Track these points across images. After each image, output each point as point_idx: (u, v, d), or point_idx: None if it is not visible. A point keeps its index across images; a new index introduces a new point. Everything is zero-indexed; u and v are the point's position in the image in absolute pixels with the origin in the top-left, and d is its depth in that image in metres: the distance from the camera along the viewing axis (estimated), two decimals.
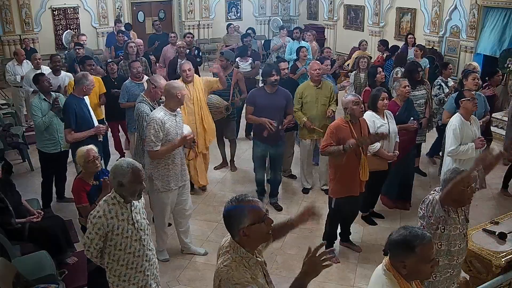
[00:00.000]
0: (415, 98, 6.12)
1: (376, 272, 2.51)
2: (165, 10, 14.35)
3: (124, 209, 3.10)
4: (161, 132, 4.28)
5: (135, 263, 3.16)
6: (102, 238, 3.06)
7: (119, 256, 3.11)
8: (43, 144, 5.63)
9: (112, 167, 3.13)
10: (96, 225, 3.02)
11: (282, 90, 5.64)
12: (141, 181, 3.10)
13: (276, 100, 5.53)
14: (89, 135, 5.15)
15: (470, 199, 3.23)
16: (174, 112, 4.44)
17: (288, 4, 15.95)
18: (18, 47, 10.44)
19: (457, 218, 3.25)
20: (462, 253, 3.35)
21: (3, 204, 4.26)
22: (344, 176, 4.57)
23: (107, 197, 3.12)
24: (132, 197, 3.10)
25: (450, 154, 4.79)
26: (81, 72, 5.63)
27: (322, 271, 2.39)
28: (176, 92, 4.37)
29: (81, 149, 4.12)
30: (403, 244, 2.35)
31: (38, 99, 5.57)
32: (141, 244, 3.17)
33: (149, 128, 4.30)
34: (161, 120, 4.28)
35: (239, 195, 2.39)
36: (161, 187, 4.49)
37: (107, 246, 3.09)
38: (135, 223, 3.13)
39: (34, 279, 3.83)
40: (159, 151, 4.34)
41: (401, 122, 5.38)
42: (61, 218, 4.78)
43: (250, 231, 2.28)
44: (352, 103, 4.49)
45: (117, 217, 3.06)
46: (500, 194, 6.26)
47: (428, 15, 10.84)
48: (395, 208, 5.81)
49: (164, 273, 4.61)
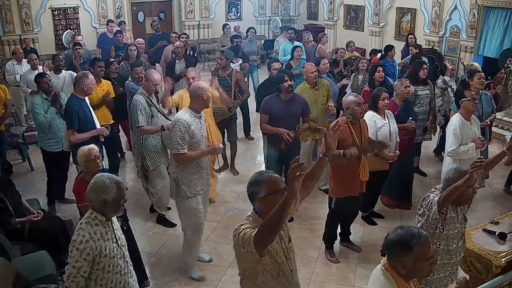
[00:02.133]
0: (419, 98, 6.13)
1: (375, 272, 2.51)
2: (165, 10, 14.36)
3: (108, 228, 2.93)
4: (187, 135, 4.13)
5: (122, 282, 3.00)
6: (89, 264, 2.82)
7: (108, 279, 2.92)
8: (46, 143, 5.62)
9: (90, 184, 2.91)
10: (85, 250, 2.78)
11: (297, 97, 5.38)
12: (124, 194, 2.94)
13: (292, 108, 5.24)
14: (91, 136, 5.15)
15: (470, 199, 3.24)
16: (199, 114, 4.29)
17: (288, 4, 15.95)
18: (18, 47, 10.43)
19: (456, 217, 3.27)
20: (460, 251, 3.39)
21: (3, 204, 4.26)
22: (344, 176, 4.56)
23: (87, 218, 2.89)
24: (115, 213, 2.95)
25: (451, 154, 4.79)
26: (81, 72, 5.62)
27: (322, 271, 2.39)
28: (202, 93, 4.22)
29: (82, 148, 4.12)
30: (401, 244, 2.35)
31: (40, 98, 5.58)
32: (125, 261, 3.04)
33: (175, 130, 4.14)
34: (187, 122, 4.12)
35: (260, 171, 2.71)
36: (188, 192, 4.31)
37: (94, 271, 2.87)
38: (117, 241, 2.98)
39: (34, 279, 3.82)
40: (187, 155, 4.17)
41: (400, 122, 5.38)
42: (60, 219, 4.79)
43: (265, 201, 2.54)
44: (354, 104, 4.47)
45: (103, 238, 2.87)
46: (500, 194, 6.26)
47: (428, 15, 10.84)
48: (397, 207, 5.81)
49: (164, 273, 4.62)
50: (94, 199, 2.87)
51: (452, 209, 3.26)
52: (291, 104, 5.24)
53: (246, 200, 2.67)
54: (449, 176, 3.23)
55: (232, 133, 6.66)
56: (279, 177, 2.63)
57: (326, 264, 4.80)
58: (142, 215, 5.73)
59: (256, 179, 2.61)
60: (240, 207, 5.73)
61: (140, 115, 5.06)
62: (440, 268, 3.33)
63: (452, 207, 3.25)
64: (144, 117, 5.07)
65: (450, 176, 3.22)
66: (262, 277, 2.61)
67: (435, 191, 3.34)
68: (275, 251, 2.58)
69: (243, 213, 2.70)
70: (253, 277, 2.63)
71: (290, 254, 2.71)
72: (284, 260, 2.64)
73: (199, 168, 4.33)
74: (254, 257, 2.48)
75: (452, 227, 3.25)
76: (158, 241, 5.20)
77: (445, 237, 3.25)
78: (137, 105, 5.09)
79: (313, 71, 5.81)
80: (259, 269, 2.58)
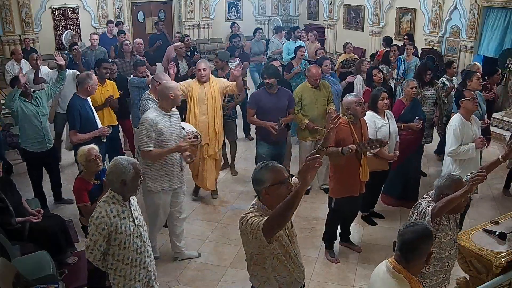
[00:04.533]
0: (424, 98, 6.17)
1: (382, 276, 2.51)
2: (165, 10, 14.36)
3: (125, 207, 3.12)
4: (153, 133, 4.28)
5: (139, 259, 3.18)
6: (105, 239, 3.04)
7: (124, 255, 3.11)
8: (28, 143, 5.43)
9: (110, 167, 3.10)
10: (100, 225, 3.00)
11: (283, 90, 5.64)
12: (140, 175, 3.16)
13: (278, 101, 5.53)
14: (93, 136, 5.14)
15: (463, 208, 3.21)
16: (168, 113, 4.42)
17: (288, 4, 15.95)
18: (17, 47, 10.43)
19: (448, 225, 3.22)
20: (453, 258, 3.34)
21: (3, 204, 4.25)
22: (344, 176, 4.56)
23: (105, 197, 3.12)
24: (133, 193, 3.14)
25: (451, 155, 4.78)
26: (84, 72, 5.60)
27: (322, 271, 2.40)
28: (169, 92, 4.36)
29: (82, 148, 4.13)
30: (424, 238, 2.47)
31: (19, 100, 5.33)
32: (142, 240, 3.20)
33: (141, 128, 4.33)
34: (152, 120, 4.28)
35: (266, 161, 2.75)
36: (154, 188, 4.45)
37: (111, 246, 3.08)
38: (135, 220, 3.16)
39: (34, 279, 3.82)
40: (152, 152, 4.31)
41: (406, 121, 5.39)
42: (61, 218, 4.77)
43: (271, 191, 2.62)
44: (355, 104, 4.48)
45: (119, 216, 3.06)
46: (500, 194, 6.26)
47: (428, 15, 10.84)
48: (400, 206, 5.79)
49: (164, 273, 4.61)
50: (114, 180, 3.06)
51: (445, 217, 3.18)
52: (277, 98, 5.53)
53: (246, 200, 2.68)
54: (441, 183, 3.16)
55: (230, 133, 6.65)
56: (283, 167, 2.70)
57: (326, 264, 4.80)
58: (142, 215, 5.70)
59: (261, 170, 2.68)
60: (240, 207, 5.73)
61: None
62: (433, 276, 3.27)
63: (445, 215, 3.18)
64: None
65: (442, 183, 3.15)
66: (270, 261, 2.71)
67: (426, 197, 3.28)
68: (281, 236, 2.68)
69: (243, 213, 2.70)
70: (261, 262, 2.74)
71: (294, 238, 2.83)
72: (289, 244, 2.75)
73: (167, 166, 4.45)
74: (262, 244, 2.58)
75: (444, 235, 3.20)
76: (157, 241, 5.18)
77: (437, 245, 3.18)
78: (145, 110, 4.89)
79: (318, 78, 5.84)
80: (267, 254, 2.68)
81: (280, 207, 2.42)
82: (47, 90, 5.61)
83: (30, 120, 5.34)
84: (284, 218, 2.46)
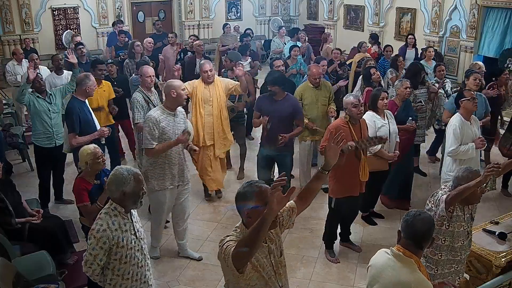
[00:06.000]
0: (416, 97, 6.15)
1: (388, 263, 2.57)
2: (165, 10, 14.35)
3: (126, 220, 2.99)
4: (156, 131, 4.32)
5: (139, 274, 3.06)
6: (106, 253, 2.89)
7: (124, 270, 2.98)
8: (37, 138, 5.60)
9: (110, 177, 3.00)
10: (101, 239, 2.85)
11: (290, 98, 5.41)
12: (143, 186, 3.01)
13: (281, 108, 5.26)
14: (93, 139, 5.13)
15: (479, 199, 3.27)
16: (172, 112, 4.45)
17: (288, 4, 15.95)
18: (17, 47, 10.43)
19: (462, 216, 3.31)
20: (465, 249, 3.42)
21: (3, 204, 4.26)
22: (344, 176, 4.56)
23: (106, 209, 2.98)
24: (134, 205, 3.00)
25: (451, 154, 4.79)
26: (83, 73, 5.61)
27: (322, 271, 2.40)
28: (170, 90, 4.38)
29: (87, 147, 4.12)
30: (433, 225, 2.64)
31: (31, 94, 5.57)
32: (142, 253, 3.09)
33: (144, 126, 4.42)
34: (156, 118, 4.34)
35: (250, 180, 2.53)
36: (157, 186, 4.51)
37: (112, 261, 2.94)
38: (136, 233, 3.04)
39: (34, 279, 3.83)
40: (155, 149, 4.37)
41: (399, 123, 5.38)
42: (60, 218, 4.79)
43: (253, 213, 2.39)
44: (350, 105, 4.50)
45: (120, 229, 2.93)
46: (500, 194, 6.26)
47: (428, 15, 10.84)
48: (395, 208, 5.81)
49: (164, 273, 4.62)
50: (114, 190, 2.95)
51: (459, 208, 3.30)
52: (280, 105, 5.28)
53: None
54: (460, 174, 3.28)
55: (240, 136, 6.63)
56: (269, 187, 2.37)
57: (326, 264, 4.80)
58: (142, 215, 5.65)
59: (245, 190, 2.46)
60: None
61: (137, 112, 5.25)
62: (445, 264, 3.37)
63: (460, 206, 3.29)
64: (141, 114, 5.20)
65: (460, 174, 3.27)
66: None
67: (444, 188, 3.38)
68: (262, 266, 2.45)
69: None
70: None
71: (280, 269, 2.56)
72: (273, 275, 2.50)
73: (169, 164, 4.50)
74: (235, 272, 2.37)
75: (457, 225, 3.30)
76: None
77: (450, 234, 3.29)
78: (134, 103, 5.29)
79: (317, 77, 5.82)
80: (242, 284, 2.44)
81: (245, 236, 2.29)
82: (62, 88, 5.81)
83: (40, 116, 5.54)
84: (251, 247, 2.23)
